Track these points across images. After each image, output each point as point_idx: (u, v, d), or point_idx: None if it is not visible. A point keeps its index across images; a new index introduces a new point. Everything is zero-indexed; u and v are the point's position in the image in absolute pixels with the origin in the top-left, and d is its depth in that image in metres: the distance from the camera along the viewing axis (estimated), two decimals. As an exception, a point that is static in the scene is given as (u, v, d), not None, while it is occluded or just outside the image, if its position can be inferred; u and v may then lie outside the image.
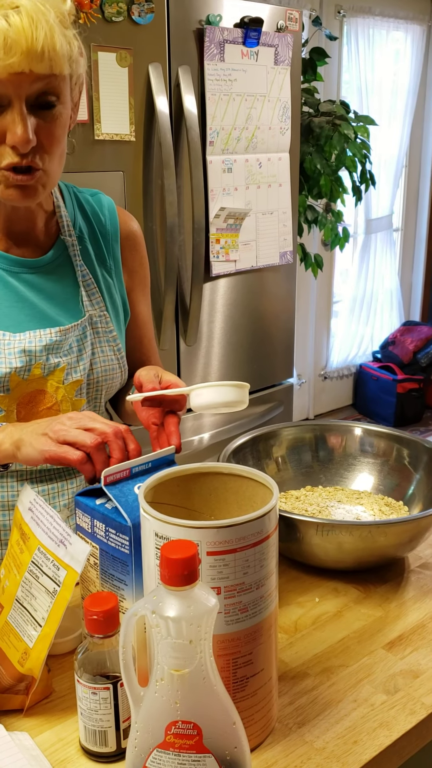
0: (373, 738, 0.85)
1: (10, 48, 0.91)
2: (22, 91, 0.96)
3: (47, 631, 0.86)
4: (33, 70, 0.94)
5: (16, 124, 0.97)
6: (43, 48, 0.93)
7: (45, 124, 1.01)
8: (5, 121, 0.98)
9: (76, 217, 1.22)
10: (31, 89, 0.97)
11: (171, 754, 0.69)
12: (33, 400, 1.14)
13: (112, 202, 1.28)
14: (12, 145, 0.98)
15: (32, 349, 1.12)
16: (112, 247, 1.25)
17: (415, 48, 4.60)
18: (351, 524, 1.06)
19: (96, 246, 1.23)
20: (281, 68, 2.51)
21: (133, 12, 2.09)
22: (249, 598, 0.78)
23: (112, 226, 1.25)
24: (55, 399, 1.15)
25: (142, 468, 0.95)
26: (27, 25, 0.91)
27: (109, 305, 1.23)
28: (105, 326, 1.21)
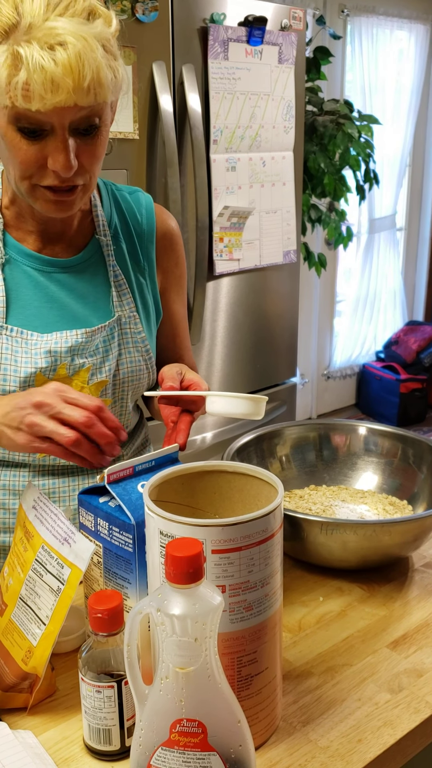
0: (378, 737, 0.85)
1: (57, 87, 0.90)
2: (66, 120, 0.96)
3: (51, 629, 0.86)
4: (78, 103, 0.93)
5: (58, 151, 0.97)
6: (90, 85, 0.92)
7: (87, 147, 1.00)
8: (48, 147, 0.97)
9: (112, 215, 1.21)
10: (74, 117, 0.96)
11: (176, 752, 0.69)
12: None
13: (150, 201, 1.27)
14: (54, 170, 0.99)
15: (58, 350, 1.12)
16: (147, 247, 1.24)
17: (418, 47, 4.60)
18: (355, 523, 1.06)
19: (131, 245, 1.23)
20: (285, 67, 2.50)
21: (137, 10, 2.09)
22: (254, 597, 0.78)
23: (148, 226, 1.24)
24: None
25: (145, 466, 0.95)
26: (75, 63, 0.89)
27: (140, 306, 1.22)
28: (134, 327, 1.20)
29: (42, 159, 0.98)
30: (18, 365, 1.11)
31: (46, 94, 0.90)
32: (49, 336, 1.13)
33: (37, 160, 0.98)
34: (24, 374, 1.11)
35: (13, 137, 0.96)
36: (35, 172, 1.00)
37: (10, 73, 0.90)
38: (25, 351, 1.11)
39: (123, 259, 1.21)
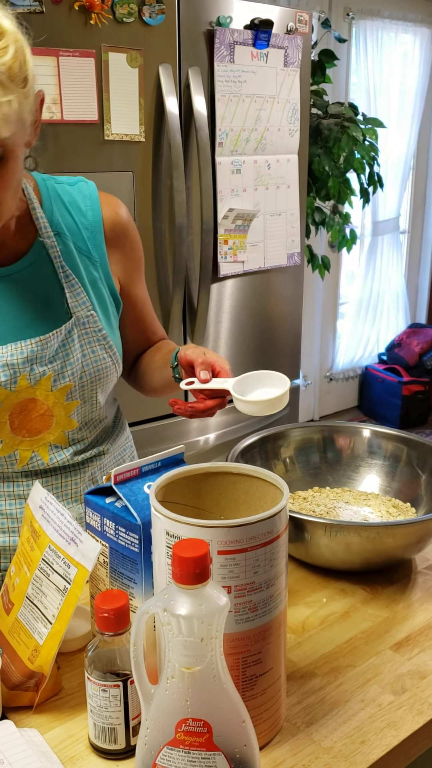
0: (381, 738, 0.85)
1: None
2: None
3: (57, 628, 0.87)
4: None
5: None
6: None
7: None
8: None
9: (53, 213, 1.17)
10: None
11: (181, 752, 0.69)
12: (25, 409, 1.13)
13: (93, 191, 1.22)
14: None
15: (14, 362, 1.10)
16: (96, 238, 1.20)
17: (423, 50, 4.60)
18: (359, 525, 1.07)
19: (78, 239, 1.18)
20: (290, 70, 2.51)
21: (143, 13, 2.10)
22: (259, 598, 0.79)
23: (94, 217, 1.20)
24: (47, 405, 1.15)
25: (151, 467, 0.95)
26: None
27: (96, 302, 1.19)
28: (93, 325, 1.17)
29: None
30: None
31: None
32: (4, 348, 1.10)
33: None
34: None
35: None
36: None
37: None
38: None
39: (71, 257, 1.17)
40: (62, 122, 2.04)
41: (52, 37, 1.98)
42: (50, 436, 1.17)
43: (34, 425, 1.14)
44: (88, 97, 2.06)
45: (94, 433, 1.24)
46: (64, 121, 2.04)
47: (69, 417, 1.18)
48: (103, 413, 1.26)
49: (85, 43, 2.03)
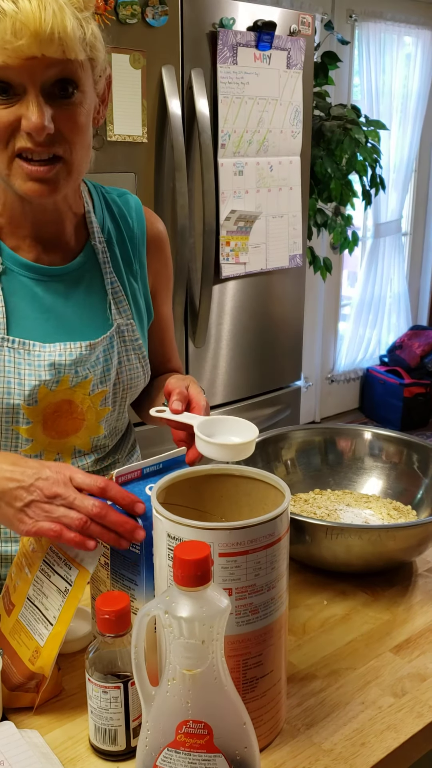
0: (381, 740, 0.85)
1: (18, 30, 0.88)
2: (36, 78, 0.93)
3: (58, 629, 0.87)
4: (45, 54, 0.91)
5: (30, 110, 0.93)
6: (53, 29, 0.89)
7: (64, 113, 0.96)
8: (20, 109, 0.94)
9: (104, 220, 1.19)
10: (45, 75, 0.93)
11: (181, 754, 0.69)
12: (59, 410, 1.13)
13: (139, 203, 1.25)
14: (27, 132, 0.94)
15: (62, 362, 1.10)
16: (139, 250, 1.23)
17: (425, 53, 4.60)
18: (360, 528, 1.07)
19: (123, 250, 1.21)
20: (293, 72, 2.51)
21: (146, 14, 2.10)
22: (260, 600, 0.79)
23: (139, 229, 1.23)
24: (81, 409, 1.15)
25: (153, 469, 0.96)
26: (36, 7, 0.88)
27: (135, 312, 1.21)
28: (131, 334, 1.19)
29: (16, 123, 0.95)
30: (22, 378, 1.09)
31: (10, 39, 0.88)
32: (53, 347, 1.10)
33: (11, 124, 0.95)
34: (28, 387, 1.09)
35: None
36: (10, 138, 0.96)
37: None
38: (29, 363, 1.08)
39: (117, 266, 1.19)
40: (65, 123, 2.04)
41: (56, 39, 1.98)
42: (77, 440, 1.17)
43: (64, 427, 1.14)
44: (90, 98, 2.07)
45: (115, 441, 1.25)
46: (67, 122, 2.04)
47: (99, 423, 1.18)
48: (125, 423, 1.28)
49: (88, 45, 2.03)
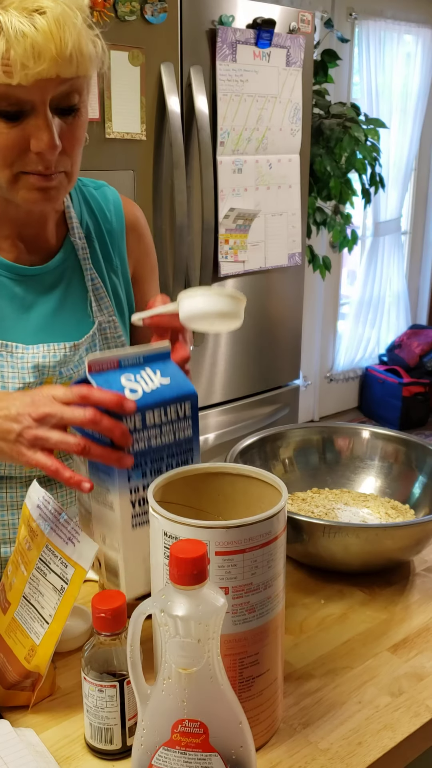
0: (378, 740, 0.85)
1: (39, 54, 0.86)
2: (47, 96, 0.91)
3: (54, 628, 0.87)
4: (60, 75, 0.89)
5: (41, 130, 0.92)
6: (72, 52, 0.88)
7: (68, 127, 0.96)
8: (29, 127, 0.93)
9: (83, 215, 1.18)
10: (55, 92, 0.92)
11: (177, 753, 0.69)
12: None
13: (116, 195, 1.23)
14: (37, 152, 0.94)
15: (46, 364, 1.09)
16: (119, 244, 1.21)
17: (425, 51, 4.60)
18: (357, 527, 1.07)
19: (102, 244, 1.19)
20: (293, 70, 2.51)
21: (146, 11, 2.10)
22: (257, 599, 0.79)
23: (118, 223, 1.21)
24: None
25: (132, 362, 0.90)
26: (54, 29, 0.85)
27: (116, 308, 1.19)
28: (113, 331, 1.18)
29: (24, 143, 0.94)
30: (5, 381, 1.07)
31: (29, 63, 0.85)
32: (36, 349, 1.08)
33: (19, 145, 0.94)
34: (12, 390, 1.06)
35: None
36: (17, 158, 0.95)
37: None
38: (11, 365, 1.06)
39: (97, 261, 1.17)
40: (64, 120, 2.04)
41: (54, 35, 1.98)
42: None
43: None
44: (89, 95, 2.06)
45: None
46: (66, 120, 2.04)
47: None
48: None
49: (87, 42, 2.03)
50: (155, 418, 0.89)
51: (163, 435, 0.90)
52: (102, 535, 0.93)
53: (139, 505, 0.89)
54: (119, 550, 0.90)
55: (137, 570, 0.91)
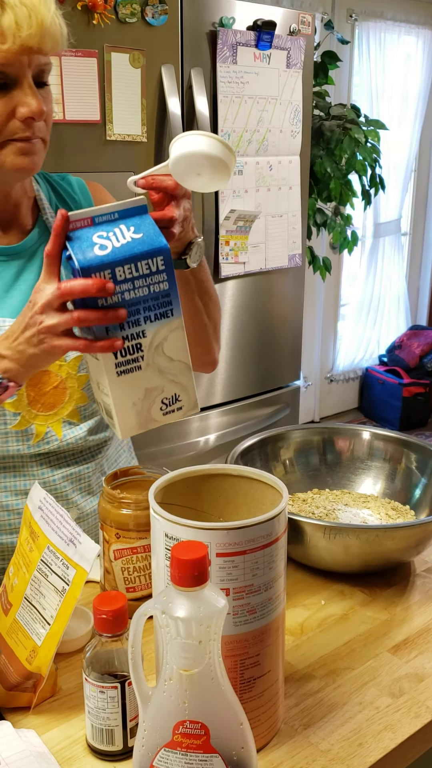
0: (378, 741, 0.85)
1: (23, 22, 0.98)
2: (29, 69, 1.03)
3: (55, 629, 0.87)
4: (42, 47, 1.01)
5: (28, 96, 1.04)
6: (51, 26, 1.01)
7: (42, 100, 1.07)
8: (15, 98, 1.04)
9: (51, 198, 1.27)
10: (36, 67, 1.04)
11: (178, 754, 0.69)
12: (39, 381, 1.18)
13: (81, 180, 1.32)
14: (25, 118, 1.05)
15: None
16: None
17: (426, 52, 4.60)
18: (358, 528, 1.07)
19: None
20: (293, 71, 2.51)
21: (146, 13, 2.10)
22: (257, 600, 0.79)
23: (85, 201, 1.30)
24: (60, 377, 1.19)
25: (106, 218, 0.91)
26: (40, 5, 0.99)
27: None
28: None
29: (10, 113, 1.04)
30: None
31: (21, 29, 0.98)
32: None
33: (6, 114, 1.04)
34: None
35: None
36: (3, 127, 1.05)
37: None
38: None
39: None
40: (64, 122, 2.04)
41: (55, 37, 1.98)
42: (64, 410, 1.21)
43: (48, 399, 1.19)
44: (90, 97, 2.06)
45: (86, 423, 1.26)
46: (66, 121, 2.04)
47: (81, 390, 1.22)
48: None
49: (88, 44, 2.03)
50: (126, 273, 0.90)
51: (137, 289, 0.91)
52: (97, 382, 0.98)
53: (122, 355, 0.92)
54: (109, 395, 0.93)
55: (128, 413, 0.95)
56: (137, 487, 1.09)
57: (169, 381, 0.95)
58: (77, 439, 1.23)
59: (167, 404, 0.97)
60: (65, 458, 1.23)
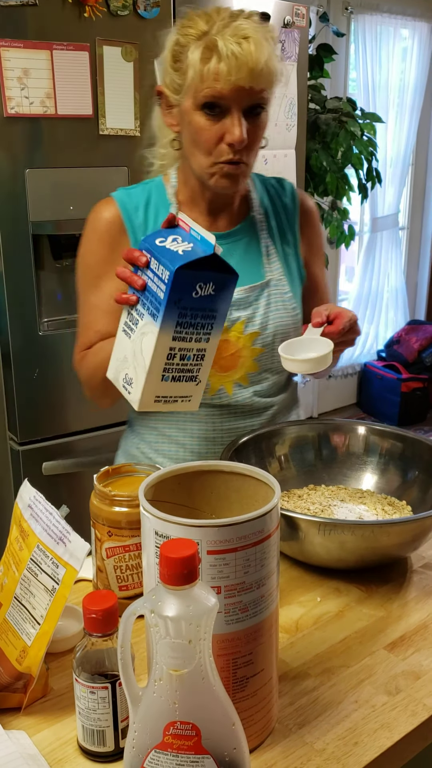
0: (374, 739, 0.84)
1: (239, 68, 1.16)
2: (240, 102, 1.20)
3: (46, 629, 0.86)
4: (253, 87, 1.19)
5: (235, 126, 1.21)
6: (263, 68, 1.17)
7: (253, 128, 1.23)
8: (225, 125, 1.21)
9: (263, 198, 1.45)
10: (247, 100, 1.20)
11: (169, 755, 0.68)
12: (220, 348, 1.33)
13: (293, 185, 1.50)
14: (229, 143, 1.22)
15: None
16: (292, 222, 1.47)
17: (422, 46, 4.58)
18: (353, 524, 1.05)
19: (278, 222, 1.45)
20: (288, 64, 2.49)
21: (138, 6, 2.08)
22: (249, 598, 0.77)
23: (293, 206, 1.47)
24: (237, 347, 1.36)
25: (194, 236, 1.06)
26: (255, 50, 1.16)
27: (286, 271, 1.43)
28: (282, 288, 1.41)
29: (220, 137, 1.22)
30: None
31: (232, 74, 1.16)
32: None
33: (217, 137, 1.22)
34: None
35: (198, 120, 1.22)
36: (214, 149, 1.23)
37: (203, 62, 1.17)
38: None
39: (272, 233, 1.43)
40: (56, 117, 2.02)
41: (46, 31, 1.96)
42: (236, 374, 1.38)
43: (224, 363, 1.37)
44: (82, 91, 2.05)
45: (271, 380, 1.43)
46: (59, 116, 2.03)
47: (253, 360, 1.38)
48: (285, 375, 1.48)
49: (80, 37, 2.01)
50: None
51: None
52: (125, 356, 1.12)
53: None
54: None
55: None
56: (129, 485, 1.08)
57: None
58: (244, 399, 1.40)
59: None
60: (234, 412, 1.40)
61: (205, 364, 1.09)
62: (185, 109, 1.24)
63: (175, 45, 1.24)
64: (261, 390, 1.42)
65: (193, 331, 1.04)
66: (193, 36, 1.21)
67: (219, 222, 1.40)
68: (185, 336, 1.04)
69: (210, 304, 1.03)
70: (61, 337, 2.19)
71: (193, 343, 1.05)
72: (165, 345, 1.03)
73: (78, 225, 2.18)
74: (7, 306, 2.08)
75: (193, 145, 1.26)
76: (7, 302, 2.08)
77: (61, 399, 2.23)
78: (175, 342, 1.03)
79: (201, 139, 1.24)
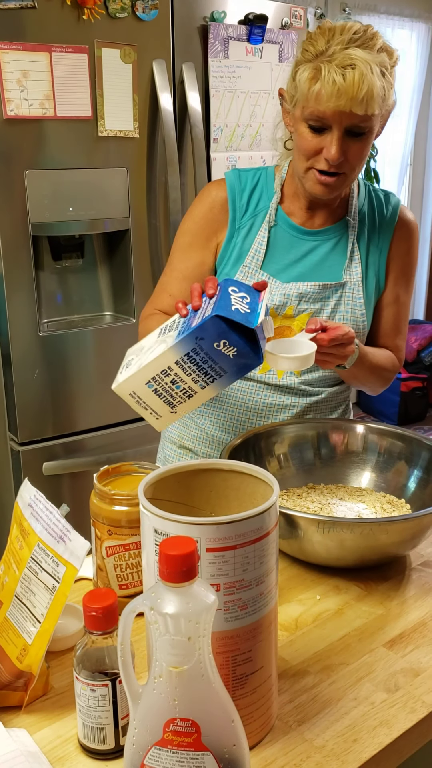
0: (373, 736, 0.84)
1: (340, 96, 1.24)
2: (342, 123, 1.28)
3: (46, 627, 0.86)
4: (353, 111, 1.26)
5: (332, 145, 1.30)
6: (364, 97, 1.24)
7: (354, 146, 1.32)
8: (325, 140, 1.31)
9: (363, 206, 1.51)
10: (348, 122, 1.28)
11: (169, 752, 0.69)
12: (281, 333, 1.43)
13: (399, 201, 1.55)
14: (325, 158, 1.32)
15: (290, 294, 1.43)
16: (386, 234, 1.51)
17: (420, 46, 4.58)
18: (352, 522, 1.06)
19: (372, 230, 1.51)
20: (286, 65, 2.50)
21: (137, 8, 2.09)
22: (249, 595, 0.78)
23: (391, 218, 1.52)
24: (293, 330, 1.42)
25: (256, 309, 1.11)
26: (357, 80, 1.23)
27: (364, 277, 1.49)
28: (355, 292, 1.47)
29: (319, 149, 1.32)
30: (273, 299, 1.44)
31: (331, 100, 1.25)
32: (287, 285, 1.44)
33: (316, 149, 1.33)
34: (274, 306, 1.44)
35: (303, 131, 1.33)
36: (312, 156, 1.34)
37: (309, 83, 1.27)
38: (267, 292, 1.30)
39: (363, 239, 1.50)
40: (55, 118, 2.03)
41: (45, 33, 1.97)
42: None
43: None
44: (81, 93, 2.05)
45: (321, 373, 1.49)
46: (58, 118, 2.03)
47: None
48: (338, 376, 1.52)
49: (78, 39, 2.02)
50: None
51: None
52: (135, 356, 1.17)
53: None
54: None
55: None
56: (129, 484, 1.08)
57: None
58: (291, 383, 1.47)
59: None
60: (282, 392, 1.48)
61: (189, 403, 1.11)
62: (295, 117, 1.35)
63: (297, 58, 1.34)
64: (310, 380, 1.49)
65: (196, 370, 1.07)
66: (310, 54, 1.30)
67: (315, 218, 1.49)
68: (186, 368, 1.07)
69: (223, 362, 1.07)
70: (61, 338, 2.19)
71: (190, 379, 1.08)
72: (167, 361, 1.07)
73: (78, 226, 2.20)
74: (7, 307, 2.09)
75: (297, 148, 1.37)
76: (7, 303, 2.08)
77: (61, 399, 2.23)
78: (176, 365, 1.07)
79: (302, 147, 1.35)
